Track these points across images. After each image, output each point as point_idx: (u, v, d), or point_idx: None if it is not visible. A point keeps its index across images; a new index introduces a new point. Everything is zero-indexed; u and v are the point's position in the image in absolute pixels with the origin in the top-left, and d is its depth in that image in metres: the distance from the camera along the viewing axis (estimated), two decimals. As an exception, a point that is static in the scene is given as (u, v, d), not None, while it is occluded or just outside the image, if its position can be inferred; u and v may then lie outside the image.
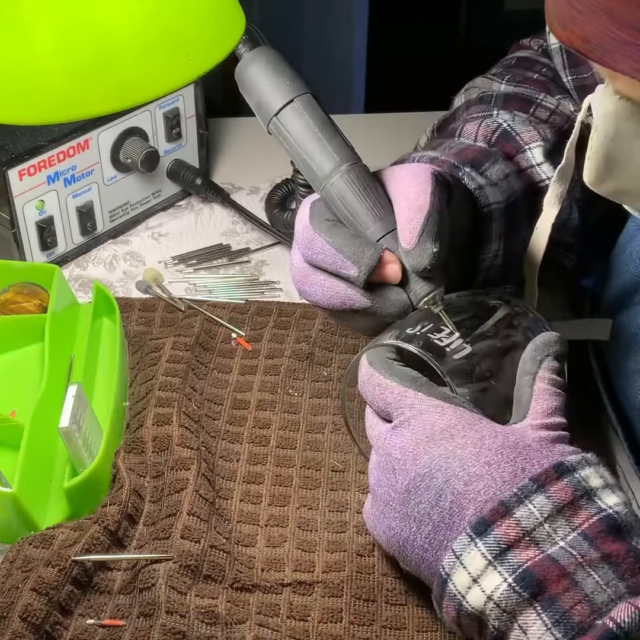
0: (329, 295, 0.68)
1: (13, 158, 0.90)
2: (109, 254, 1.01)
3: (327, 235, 0.67)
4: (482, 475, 0.57)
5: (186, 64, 0.69)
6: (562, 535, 0.55)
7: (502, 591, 0.54)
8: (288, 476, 0.75)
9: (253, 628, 0.64)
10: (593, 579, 0.53)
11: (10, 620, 0.61)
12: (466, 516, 0.56)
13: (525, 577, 0.54)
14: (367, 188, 0.67)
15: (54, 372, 0.77)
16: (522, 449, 0.57)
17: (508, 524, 0.55)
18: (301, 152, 0.69)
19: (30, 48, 0.64)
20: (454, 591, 0.56)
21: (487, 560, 0.55)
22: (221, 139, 1.19)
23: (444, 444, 0.58)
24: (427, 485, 0.58)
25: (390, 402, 0.61)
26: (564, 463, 0.57)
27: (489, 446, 0.58)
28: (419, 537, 0.58)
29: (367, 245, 0.66)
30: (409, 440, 0.60)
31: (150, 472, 0.73)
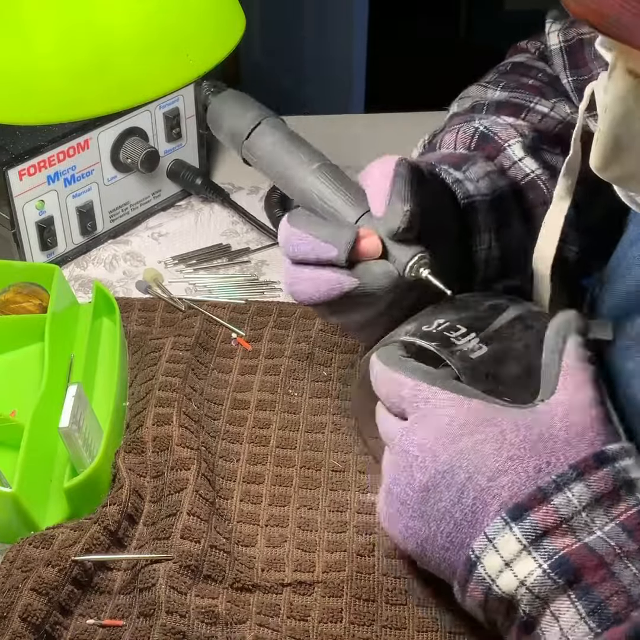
0: (316, 285, 0.68)
1: (13, 158, 0.90)
2: (109, 254, 1.01)
3: (303, 226, 0.68)
4: (506, 471, 0.56)
5: (186, 64, 0.69)
6: (599, 525, 0.55)
7: (536, 577, 0.54)
8: (288, 476, 0.75)
9: (253, 628, 0.64)
10: (631, 571, 0.53)
11: (10, 620, 0.61)
12: (490, 512, 0.56)
13: (562, 564, 0.54)
14: (338, 179, 0.69)
15: (54, 372, 0.77)
16: (546, 440, 0.57)
17: (546, 510, 0.55)
18: (274, 166, 0.71)
19: (30, 48, 0.64)
20: (483, 574, 0.56)
21: (522, 545, 0.54)
22: (221, 139, 1.19)
23: (464, 439, 0.58)
24: (447, 482, 0.57)
25: (404, 396, 0.60)
26: (604, 452, 0.56)
27: (510, 440, 0.57)
28: (439, 536, 0.58)
29: (342, 226, 0.67)
30: (426, 436, 0.59)
31: (150, 472, 0.73)
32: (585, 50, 0.85)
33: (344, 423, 0.79)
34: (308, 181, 0.69)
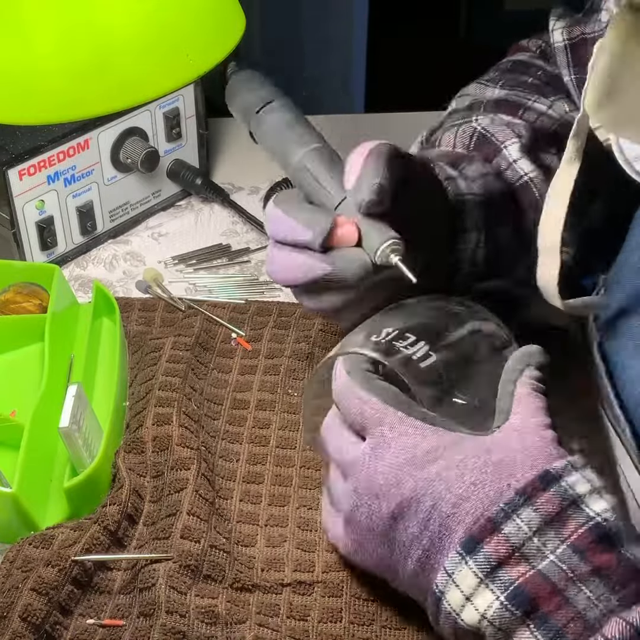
0: (290, 268, 0.68)
1: (13, 158, 0.90)
2: (109, 254, 1.01)
3: (284, 206, 0.68)
4: (469, 497, 0.56)
5: (186, 64, 0.69)
6: (551, 549, 0.54)
7: (494, 609, 0.54)
8: (288, 476, 0.75)
9: (253, 628, 0.64)
10: (584, 595, 0.53)
11: (10, 620, 0.61)
12: (455, 538, 0.56)
13: (517, 595, 0.53)
14: (332, 160, 0.70)
15: (54, 372, 0.77)
16: (506, 464, 0.56)
17: (497, 541, 0.54)
18: (277, 142, 0.72)
19: (30, 48, 0.64)
20: (448, 609, 0.56)
21: (478, 578, 0.54)
22: (221, 139, 1.19)
23: (428, 466, 0.57)
24: (414, 509, 0.57)
25: (368, 417, 0.59)
26: (549, 472, 0.56)
27: (472, 466, 0.57)
28: (409, 561, 0.58)
29: (321, 211, 0.67)
30: (391, 464, 0.58)
31: (150, 472, 0.73)
32: (588, 49, 0.85)
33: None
34: (302, 160, 0.70)
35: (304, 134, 0.71)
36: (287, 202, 0.69)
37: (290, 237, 0.67)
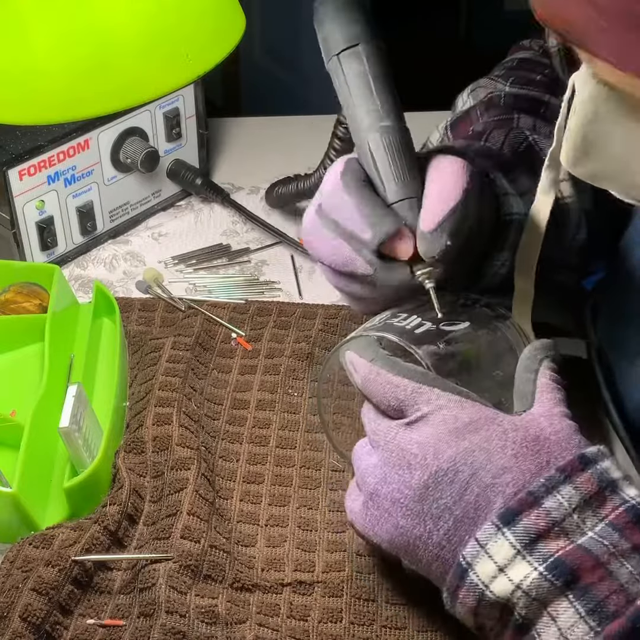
0: (332, 252, 0.67)
1: (13, 158, 0.90)
2: (109, 254, 1.01)
3: (353, 195, 0.66)
4: (510, 468, 0.56)
5: (186, 64, 0.69)
6: (590, 526, 0.55)
7: (532, 579, 0.54)
8: (288, 476, 0.75)
9: (253, 628, 0.64)
10: (627, 569, 0.53)
11: (10, 620, 0.61)
12: (493, 509, 0.56)
13: (558, 565, 0.54)
14: (400, 150, 0.67)
15: (54, 372, 0.77)
16: (543, 441, 0.57)
17: (537, 514, 0.55)
18: (350, 98, 0.68)
19: (30, 48, 0.64)
20: (475, 581, 0.55)
21: (515, 549, 0.55)
22: (221, 139, 1.19)
23: (469, 437, 0.58)
24: (450, 479, 0.57)
25: (403, 399, 0.60)
26: (585, 454, 0.57)
27: (513, 439, 0.57)
28: (435, 534, 0.57)
29: (389, 215, 0.66)
30: (428, 434, 0.58)
31: (150, 472, 0.73)
32: None
33: (345, 422, 0.79)
34: (371, 136, 0.67)
35: (381, 103, 0.67)
36: (354, 182, 0.66)
37: (348, 227, 0.66)
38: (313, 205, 0.70)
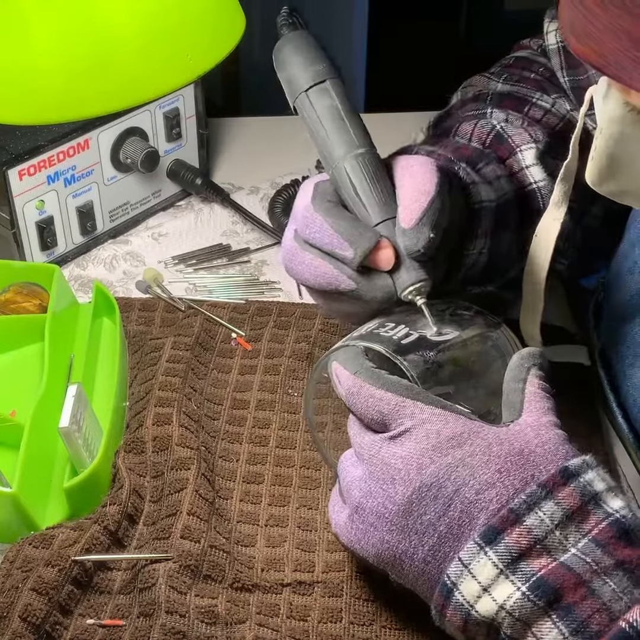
0: (315, 274, 0.68)
1: (13, 158, 0.90)
2: (109, 254, 1.01)
3: (327, 215, 0.67)
4: (494, 483, 0.56)
5: (186, 64, 0.69)
6: (573, 542, 0.54)
7: (515, 600, 0.53)
8: (288, 476, 0.75)
9: (253, 628, 0.64)
10: (609, 587, 0.52)
11: (10, 620, 0.61)
12: (477, 525, 0.55)
13: (540, 585, 0.53)
14: (376, 173, 0.68)
15: (54, 372, 0.77)
16: (528, 455, 0.56)
17: (519, 532, 0.54)
18: (322, 130, 0.70)
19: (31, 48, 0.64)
20: (461, 600, 0.55)
21: (498, 569, 0.54)
22: (221, 139, 1.19)
23: (452, 452, 0.57)
24: (434, 495, 0.56)
25: (386, 413, 0.59)
26: (568, 468, 0.56)
27: (497, 453, 0.56)
28: (420, 549, 0.57)
29: (365, 229, 0.67)
30: (412, 449, 0.58)
31: (150, 472, 0.73)
32: None
33: (345, 422, 0.78)
34: (347, 164, 0.68)
35: (353, 132, 0.69)
36: (325, 205, 0.68)
37: (328, 247, 0.67)
38: (289, 231, 0.70)
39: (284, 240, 0.71)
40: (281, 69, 0.72)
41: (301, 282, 0.70)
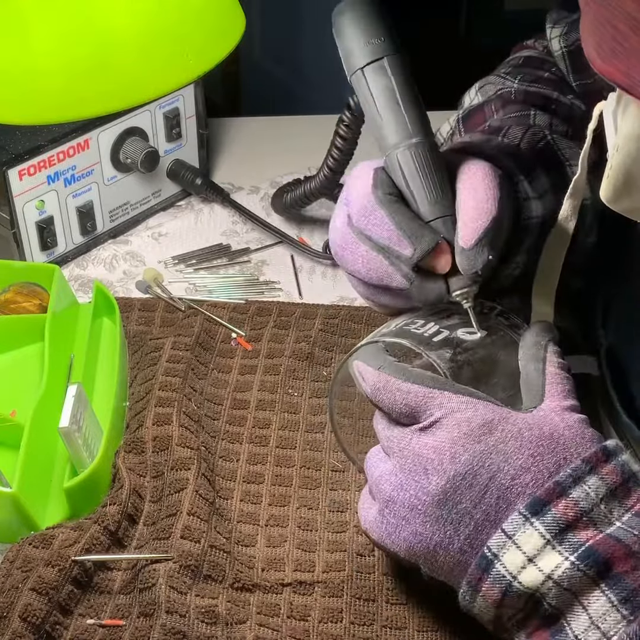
0: (368, 267, 0.67)
1: (13, 158, 0.90)
2: (109, 254, 1.01)
3: (389, 209, 0.66)
4: (529, 468, 0.56)
5: (186, 64, 0.69)
6: (617, 516, 0.55)
7: (563, 570, 0.54)
8: (288, 476, 0.75)
9: (253, 628, 0.64)
10: None
11: (10, 620, 0.61)
12: (515, 510, 0.55)
13: (590, 555, 0.54)
14: (431, 166, 0.66)
15: (54, 372, 0.77)
16: (558, 438, 0.57)
17: (565, 504, 0.55)
18: (377, 114, 0.67)
19: (30, 48, 0.64)
20: (502, 572, 0.55)
21: (545, 539, 0.54)
22: (221, 139, 1.19)
23: (484, 439, 0.57)
24: (469, 483, 0.56)
25: (414, 405, 0.59)
26: (607, 447, 0.57)
27: (529, 438, 0.57)
28: (456, 540, 0.57)
29: (427, 230, 0.65)
30: (444, 439, 0.58)
31: (150, 472, 0.73)
32: None
33: (344, 423, 0.78)
34: (401, 153, 0.66)
35: (409, 118, 0.66)
36: (388, 200, 0.66)
37: (385, 242, 0.66)
38: (340, 217, 0.69)
39: (334, 223, 0.69)
40: (339, 39, 0.69)
41: (351, 272, 0.69)
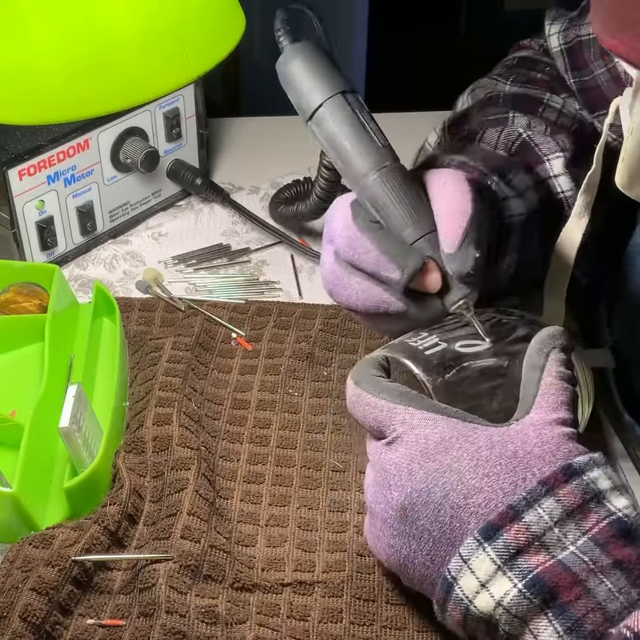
0: (363, 298, 0.67)
1: (13, 158, 0.90)
2: (109, 254, 1.01)
3: (373, 236, 0.66)
4: (482, 488, 0.56)
5: (186, 64, 0.69)
6: (572, 540, 0.54)
7: (512, 597, 0.53)
8: (288, 476, 0.75)
9: (253, 628, 0.64)
10: (605, 586, 0.52)
11: (10, 620, 0.61)
12: (467, 530, 0.55)
13: (536, 583, 0.53)
14: (404, 188, 0.67)
15: (53, 372, 0.77)
16: (522, 457, 0.56)
17: (517, 529, 0.54)
18: (343, 144, 0.68)
19: (30, 48, 0.64)
20: (460, 595, 0.55)
21: (496, 565, 0.54)
22: (221, 139, 1.19)
23: (439, 457, 0.57)
24: (424, 500, 0.57)
25: (381, 420, 0.60)
26: (572, 465, 0.56)
27: (486, 457, 0.56)
28: (419, 554, 0.57)
29: (412, 251, 0.66)
30: (403, 455, 0.58)
31: (150, 472, 0.73)
32: (584, 51, 0.85)
33: (344, 423, 0.79)
34: (373, 180, 0.67)
35: (378, 143, 0.67)
36: (370, 227, 0.67)
37: (373, 269, 0.66)
38: (327, 254, 0.69)
39: (322, 264, 0.70)
40: (290, 85, 0.70)
41: (348, 307, 0.69)
